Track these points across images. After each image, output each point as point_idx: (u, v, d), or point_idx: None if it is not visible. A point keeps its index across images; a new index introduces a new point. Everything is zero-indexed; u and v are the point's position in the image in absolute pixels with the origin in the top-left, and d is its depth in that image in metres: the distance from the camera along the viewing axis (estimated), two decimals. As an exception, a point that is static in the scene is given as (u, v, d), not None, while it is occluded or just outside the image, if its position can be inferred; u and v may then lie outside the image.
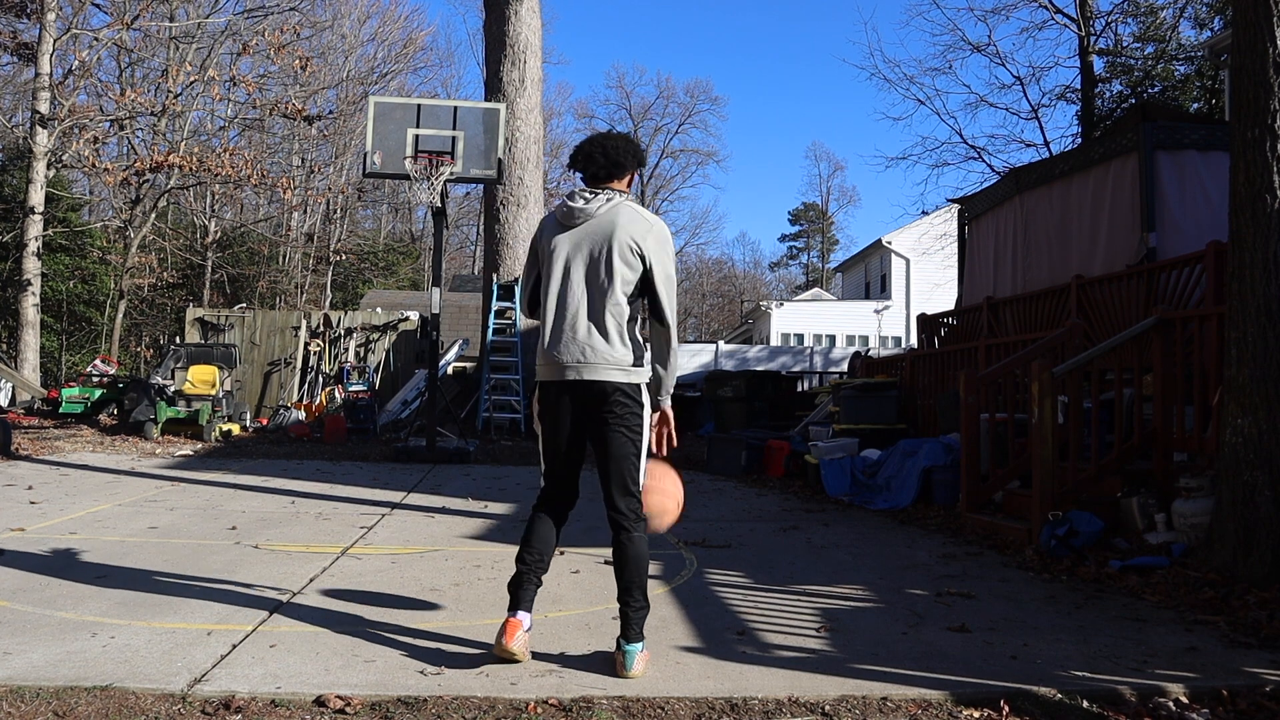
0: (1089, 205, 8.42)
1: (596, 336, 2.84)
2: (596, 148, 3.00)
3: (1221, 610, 3.62)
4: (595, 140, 3.04)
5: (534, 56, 13.75)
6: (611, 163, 2.99)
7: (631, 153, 3.02)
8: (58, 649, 2.91)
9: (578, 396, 2.88)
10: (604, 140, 3.03)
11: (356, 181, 30.44)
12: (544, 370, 2.94)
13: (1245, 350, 4.15)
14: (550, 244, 2.96)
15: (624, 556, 2.85)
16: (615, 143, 3.02)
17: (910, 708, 2.60)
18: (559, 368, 2.87)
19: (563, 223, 2.96)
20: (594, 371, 2.83)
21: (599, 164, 2.99)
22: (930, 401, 8.64)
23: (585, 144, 3.04)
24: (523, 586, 2.87)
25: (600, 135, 3.06)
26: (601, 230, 2.89)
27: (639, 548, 2.85)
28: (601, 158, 2.99)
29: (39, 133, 16.15)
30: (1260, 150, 4.12)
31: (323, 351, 15.03)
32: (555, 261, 2.93)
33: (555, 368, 2.89)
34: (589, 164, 3.00)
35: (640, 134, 51.98)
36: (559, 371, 2.88)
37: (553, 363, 2.89)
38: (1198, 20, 19.59)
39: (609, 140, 3.03)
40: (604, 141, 3.02)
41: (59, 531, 4.97)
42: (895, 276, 29.81)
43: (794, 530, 5.67)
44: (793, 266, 62.90)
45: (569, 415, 2.91)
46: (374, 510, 6.00)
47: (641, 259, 2.87)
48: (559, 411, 2.92)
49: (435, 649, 3.03)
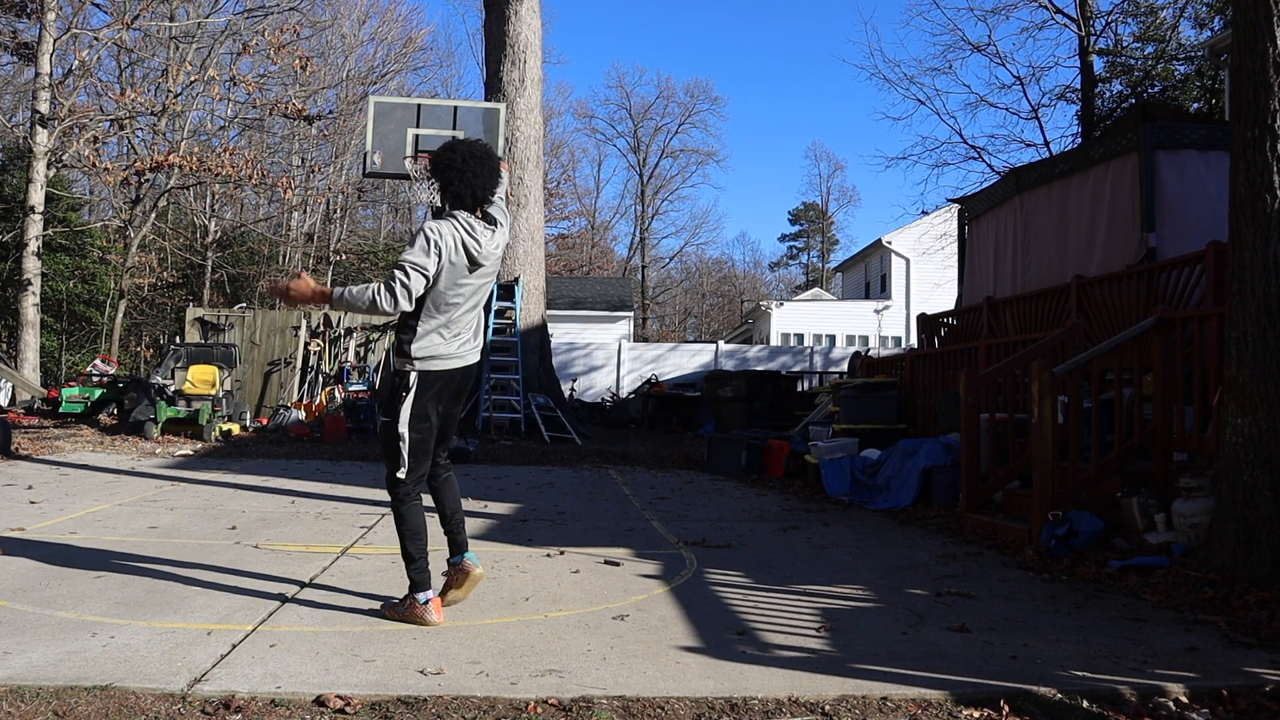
0: (1089, 205, 8.42)
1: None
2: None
3: (1221, 610, 3.62)
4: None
5: (534, 56, 13.76)
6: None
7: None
8: (58, 649, 2.91)
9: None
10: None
11: (356, 181, 30.43)
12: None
13: (1245, 350, 4.15)
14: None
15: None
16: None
17: (910, 707, 2.60)
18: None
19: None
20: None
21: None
22: (930, 401, 8.64)
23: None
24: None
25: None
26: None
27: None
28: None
29: (39, 132, 16.15)
30: (1260, 150, 4.12)
31: (323, 351, 15.03)
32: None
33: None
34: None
35: (640, 134, 52.03)
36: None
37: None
38: (1198, 20, 19.60)
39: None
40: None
41: (59, 531, 4.97)
42: (895, 276, 29.81)
43: (794, 530, 5.67)
44: (793, 266, 62.94)
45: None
46: (374, 510, 6.00)
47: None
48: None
49: (435, 649, 3.03)
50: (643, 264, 51.69)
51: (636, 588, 4.01)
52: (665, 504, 6.76)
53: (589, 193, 52.62)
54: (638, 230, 52.11)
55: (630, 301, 30.78)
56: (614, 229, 54.90)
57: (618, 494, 7.32)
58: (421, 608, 3.33)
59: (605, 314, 28.45)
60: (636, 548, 4.96)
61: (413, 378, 3.30)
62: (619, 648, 3.09)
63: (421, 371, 3.30)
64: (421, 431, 3.33)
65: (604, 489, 7.61)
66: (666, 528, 5.65)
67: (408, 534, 3.36)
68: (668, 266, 56.19)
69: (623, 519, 6.00)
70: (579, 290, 30.72)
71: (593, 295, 29.89)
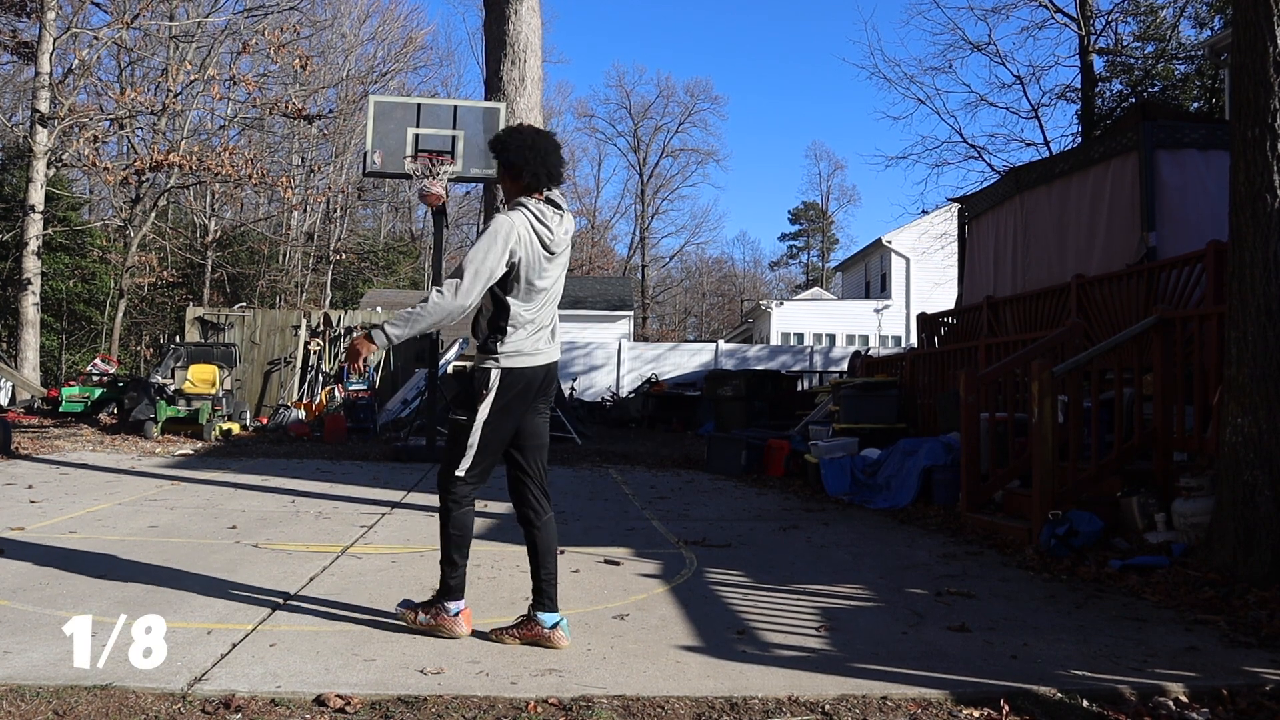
0: (1089, 204, 8.42)
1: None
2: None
3: (1221, 610, 3.62)
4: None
5: (534, 56, 13.75)
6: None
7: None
8: (58, 648, 2.90)
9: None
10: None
11: (356, 181, 30.43)
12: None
13: (1245, 350, 4.15)
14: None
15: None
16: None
17: (910, 707, 2.60)
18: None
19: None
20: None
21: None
22: (930, 401, 8.64)
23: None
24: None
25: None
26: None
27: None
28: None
29: (39, 132, 16.15)
30: (1260, 149, 4.12)
31: (323, 351, 15.03)
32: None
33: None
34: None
35: (640, 133, 52.01)
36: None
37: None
38: (1198, 20, 19.58)
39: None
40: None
41: (59, 530, 4.97)
42: (895, 276, 29.77)
43: (794, 529, 5.67)
44: (793, 266, 62.90)
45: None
46: (374, 510, 6.00)
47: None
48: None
49: (435, 648, 3.03)
50: (643, 263, 51.69)
51: (636, 587, 4.01)
52: (665, 503, 6.76)
53: (589, 192, 52.67)
54: (638, 229, 52.17)
55: (630, 301, 30.77)
56: (614, 228, 54.98)
57: (618, 493, 7.32)
58: (451, 619, 3.14)
59: (605, 313, 28.43)
60: (636, 547, 4.96)
61: (494, 376, 3.09)
62: (619, 647, 3.09)
63: (506, 369, 3.09)
64: (499, 430, 3.13)
65: (604, 488, 7.61)
66: (666, 527, 5.65)
67: (454, 538, 3.16)
68: (668, 266, 56.25)
69: (623, 518, 6.00)
70: (579, 290, 30.70)
71: (593, 295, 29.88)
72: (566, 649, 3.04)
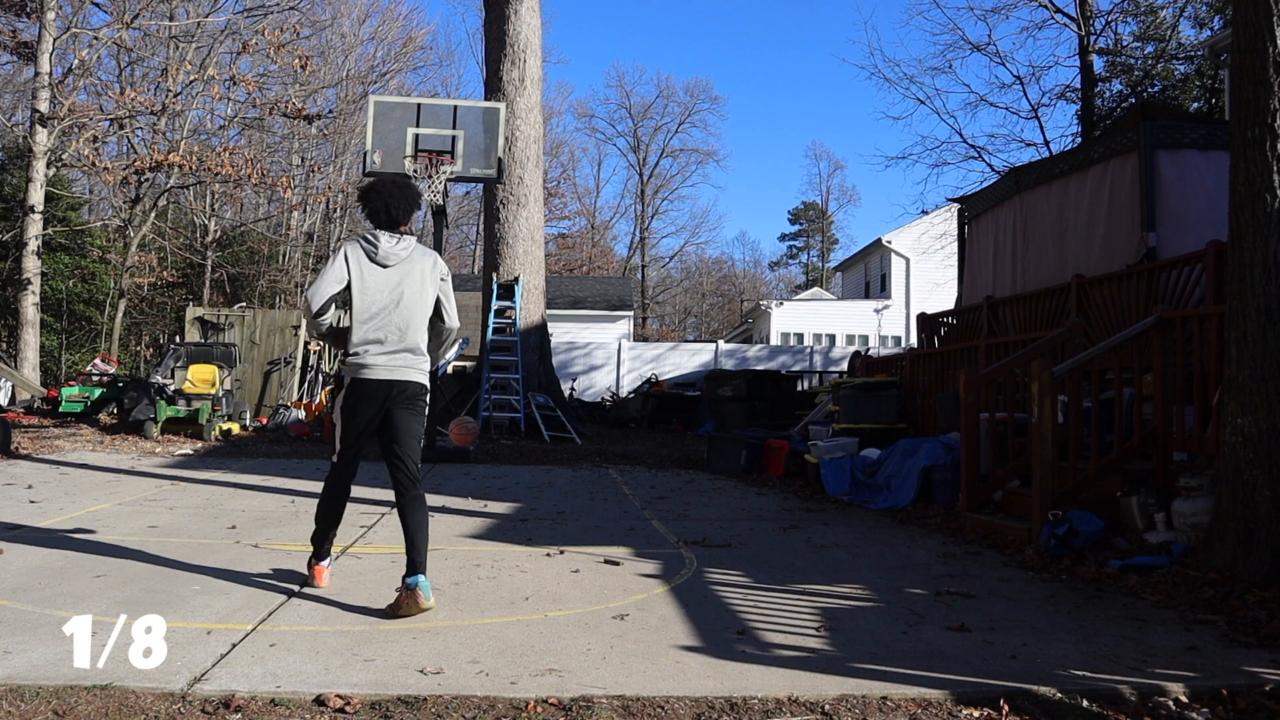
0: (1089, 204, 8.42)
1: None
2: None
3: (1221, 610, 3.62)
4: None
5: (534, 55, 13.76)
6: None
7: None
8: (58, 648, 2.90)
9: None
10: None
11: (356, 181, 30.40)
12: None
13: (1245, 350, 4.15)
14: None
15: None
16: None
17: (910, 707, 2.60)
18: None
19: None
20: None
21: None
22: (930, 401, 8.64)
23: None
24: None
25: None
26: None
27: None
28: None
29: (39, 132, 16.14)
30: (1260, 150, 4.12)
31: (323, 350, 15.03)
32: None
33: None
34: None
35: (640, 133, 52.00)
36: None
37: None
38: (1198, 20, 19.58)
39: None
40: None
41: (59, 530, 4.96)
42: (895, 276, 29.78)
43: (794, 530, 5.67)
44: (793, 266, 62.91)
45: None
46: (374, 509, 6.00)
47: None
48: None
49: (435, 648, 3.03)
50: (643, 263, 51.70)
51: (636, 587, 4.01)
52: (665, 503, 6.76)
53: (589, 192, 52.70)
54: (637, 230, 52.17)
55: (630, 301, 30.78)
56: (614, 228, 54.96)
57: (618, 493, 7.32)
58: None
59: (605, 313, 28.45)
60: (636, 547, 4.96)
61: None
62: (619, 647, 3.09)
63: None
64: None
65: (604, 488, 7.62)
66: (666, 527, 5.65)
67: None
68: (667, 266, 56.25)
69: (623, 518, 6.00)
70: (579, 290, 30.72)
71: (593, 295, 29.90)
72: (431, 608, 3.38)
